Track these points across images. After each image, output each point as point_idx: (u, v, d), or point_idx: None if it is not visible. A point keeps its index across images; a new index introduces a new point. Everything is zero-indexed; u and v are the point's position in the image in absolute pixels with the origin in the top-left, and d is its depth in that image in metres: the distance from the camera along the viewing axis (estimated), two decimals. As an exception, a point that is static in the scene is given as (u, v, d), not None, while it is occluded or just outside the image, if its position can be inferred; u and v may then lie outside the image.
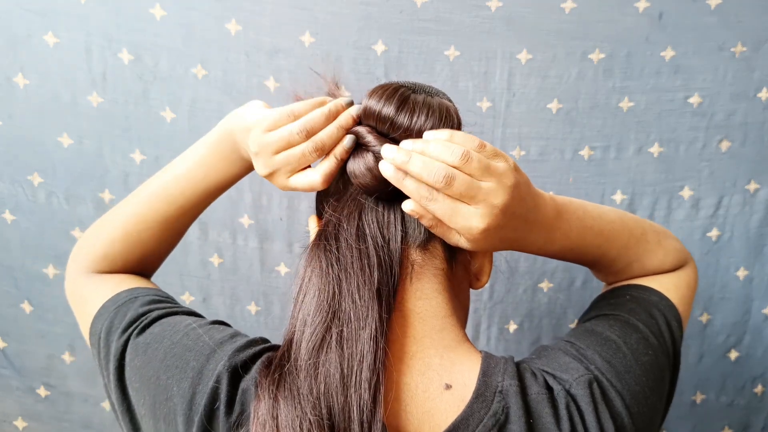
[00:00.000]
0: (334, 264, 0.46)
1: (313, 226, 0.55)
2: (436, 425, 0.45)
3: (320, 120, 0.49)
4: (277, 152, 0.49)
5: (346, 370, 0.43)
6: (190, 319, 0.52)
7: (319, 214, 0.55)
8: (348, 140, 0.49)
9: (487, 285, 1.02)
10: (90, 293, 0.57)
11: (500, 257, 1.02)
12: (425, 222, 0.47)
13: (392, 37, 0.93)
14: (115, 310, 0.54)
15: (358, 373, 0.43)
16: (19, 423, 1.08)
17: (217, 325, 0.51)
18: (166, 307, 0.54)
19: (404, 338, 0.47)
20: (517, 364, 0.48)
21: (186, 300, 1.03)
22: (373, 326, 0.44)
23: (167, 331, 0.50)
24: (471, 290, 0.57)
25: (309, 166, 0.51)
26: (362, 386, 0.43)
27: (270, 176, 0.51)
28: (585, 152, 0.98)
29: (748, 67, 0.95)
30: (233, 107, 0.98)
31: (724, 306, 1.04)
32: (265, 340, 0.50)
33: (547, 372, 0.48)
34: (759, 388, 1.08)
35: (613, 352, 0.50)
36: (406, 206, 0.47)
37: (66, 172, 0.99)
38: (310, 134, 0.49)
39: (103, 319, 0.54)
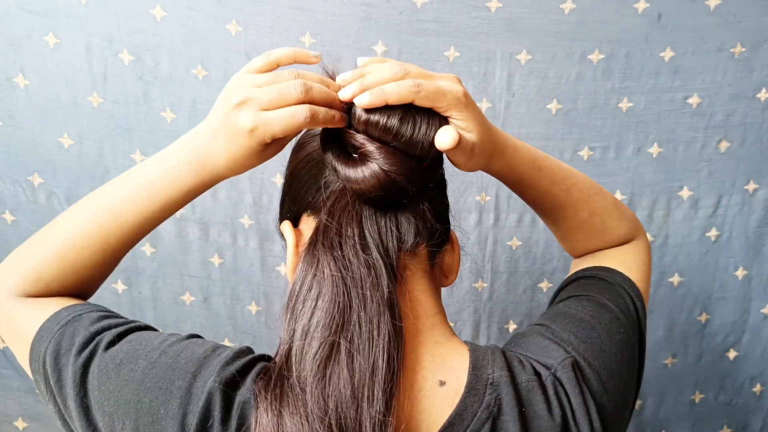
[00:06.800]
0: (344, 273, 0.45)
1: (289, 232, 0.53)
2: (433, 422, 0.45)
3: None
4: (260, 87, 0.46)
5: (357, 384, 0.42)
6: (162, 335, 0.49)
7: (294, 220, 0.54)
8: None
9: (487, 285, 1.03)
10: (24, 317, 0.52)
11: (500, 258, 1.02)
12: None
13: (392, 38, 0.94)
14: (59, 331, 0.49)
15: (370, 386, 0.42)
16: (20, 423, 1.08)
17: (193, 339, 0.49)
18: (120, 322, 0.50)
19: None
20: (504, 353, 0.49)
21: (186, 300, 1.03)
22: (387, 337, 0.44)
23: (140, 350, 0.47)
24: (469, 291, 0.58)
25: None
26: (375, 398, 0.42)
27: (239, 106, 0.46)
28: (584, 152, 0.98)
29: (747, 67, 0.95)
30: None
31: (722, 306, 1.05)
32: (250, 350, 0.49)
33: (531, 359, 0.49)
34: (757, 388, 1.08)
35: (588, 332, 0.50)
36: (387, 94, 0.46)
37: (66, 173, 0.99)
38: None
39: (45, 341, 0.49)
